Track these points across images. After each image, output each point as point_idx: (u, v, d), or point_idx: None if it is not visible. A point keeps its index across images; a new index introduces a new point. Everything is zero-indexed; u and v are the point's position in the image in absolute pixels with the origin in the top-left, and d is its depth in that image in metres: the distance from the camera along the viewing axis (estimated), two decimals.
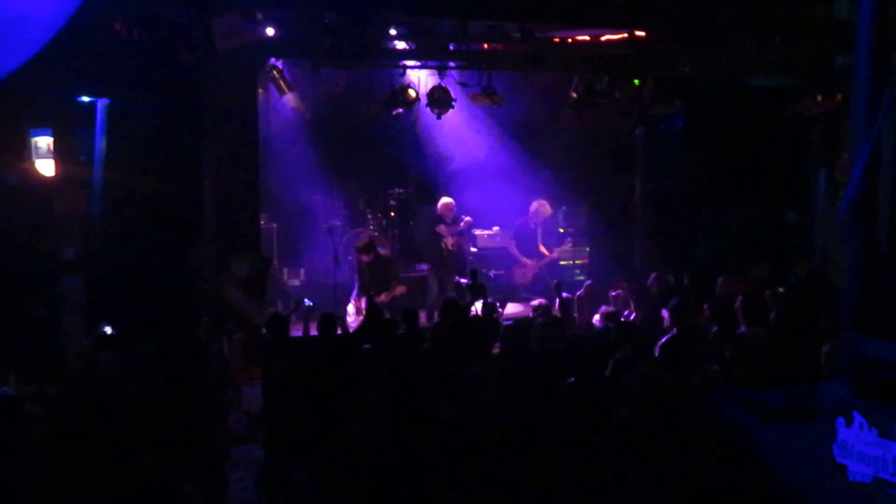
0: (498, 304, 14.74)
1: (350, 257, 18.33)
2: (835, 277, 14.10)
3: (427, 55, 16.37)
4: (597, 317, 13.31)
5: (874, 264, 6.03)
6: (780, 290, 13.56)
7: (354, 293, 16.51)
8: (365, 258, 16.52)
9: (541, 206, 18.47)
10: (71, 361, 11.60)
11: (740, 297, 13.33)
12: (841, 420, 5.96)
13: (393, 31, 14.78)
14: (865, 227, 5.98)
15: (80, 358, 11.32)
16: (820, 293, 13.44)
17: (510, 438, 8.52)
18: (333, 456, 8.28)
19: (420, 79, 17.16)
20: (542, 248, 18.54)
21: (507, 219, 20.08)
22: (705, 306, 13.10)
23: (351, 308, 16.01)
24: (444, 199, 18.29)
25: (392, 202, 20.20)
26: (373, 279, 16.41)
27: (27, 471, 7.56)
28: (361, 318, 15.28)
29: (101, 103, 13.15)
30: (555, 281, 15.38)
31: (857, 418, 5.85)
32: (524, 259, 18.15)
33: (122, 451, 8.07)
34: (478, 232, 19.68)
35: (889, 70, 6.07)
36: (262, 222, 15.75)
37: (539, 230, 18.52)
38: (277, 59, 16.08)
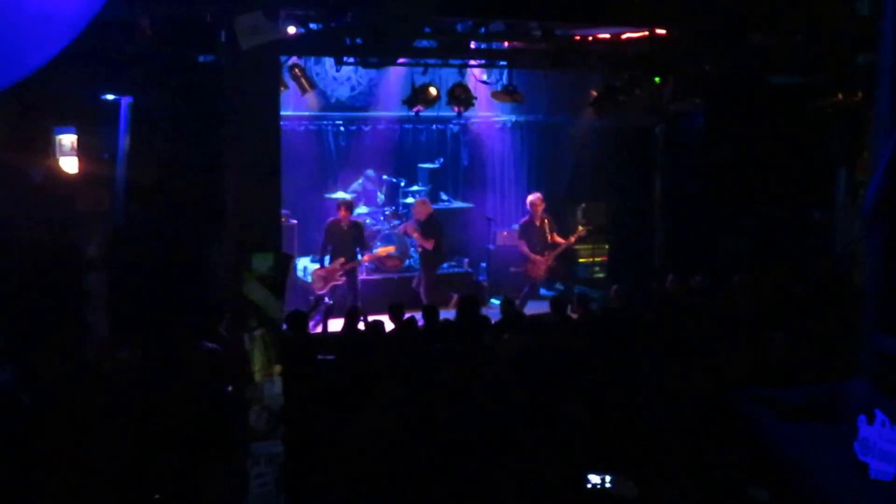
0: (518, 302, 14.76)
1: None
2: (856, 276, 14.01)
3: (448, 53, 16.35)
4: None
5: None
6: (801, 288, 13.52)
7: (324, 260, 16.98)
8: (343, 214, 17.08)
9: (535, 199, 18.48)
10: (92, 356, 11.62)
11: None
12: (862, 418, 5.90)
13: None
14: (887, 226, 5.91)
15: (101, 353, 11.34)
16: (841, 292, 13.38)
17: (530, 431, 8.50)
18: (354, 451, 8.26)
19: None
20: (556, 238, 18.44)
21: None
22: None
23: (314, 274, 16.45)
24: (418, 199, 18.48)
25: (410, 199, 20.25)
26: (355, 242, 17.20)
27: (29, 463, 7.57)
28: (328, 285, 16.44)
29: (125, 101, 13.16)
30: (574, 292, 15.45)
31: (879, 416, 5.79)
32: (533, 256, 18.12)
33: (143, 446, 8.07)
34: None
35: None
36: (283, 219, 15.76)
37: (545, 223, 18.46)
38: (300, 57, 16.08)
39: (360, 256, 17.16)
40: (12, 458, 7.63)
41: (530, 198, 18.56)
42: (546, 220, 18.48)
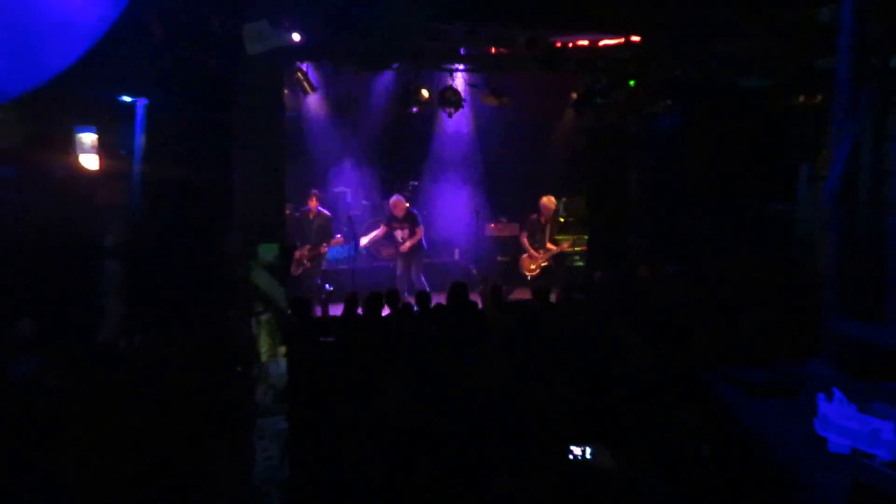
0: (504, 288, 14.73)
1: (345, 229, 18.50)
2: (817, 263, 14.01)
3: (439, 58, 16.37)
4: None
5: (854, 251, 5.96)
6: (765, 275, 13.50)
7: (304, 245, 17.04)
8: (313, 204, 17.24)
9: (548, 201, 18.41)
10: (110, 338, 11.63)
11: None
12: (822, 396, 5.89)
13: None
14: (846, 217, 5.91)
15: (118, 335, 11.34)
16: (802, 278, 13.38)
17: (518, 407, 8.49)
18: (355, 426, 8.25)
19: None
20: (550, 245, 18.40)
21: (513, 209, 20.17)
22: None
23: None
24: (395, 198, 18.49)
25: (406, 193, 20.26)
26: (319, 232, 17.20)
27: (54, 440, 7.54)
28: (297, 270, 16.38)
29: (141, 103, 13.15)
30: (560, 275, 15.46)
31: (837, 394, 5.77)
32: (532, 251, 18.08)
33: (157, 422, 8.04)
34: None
35: (868, 71, 5.99)
36: (287, 212, 15.78)
37: (548, 225, 18.42)
38: (302, 62, 16.06)
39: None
40: (38, 437, 7.61)
41: (544, 199, 18.50)
42: (551, 223, 18.45)
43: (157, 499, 7.43)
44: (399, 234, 17.97)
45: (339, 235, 17.41)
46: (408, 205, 18.37)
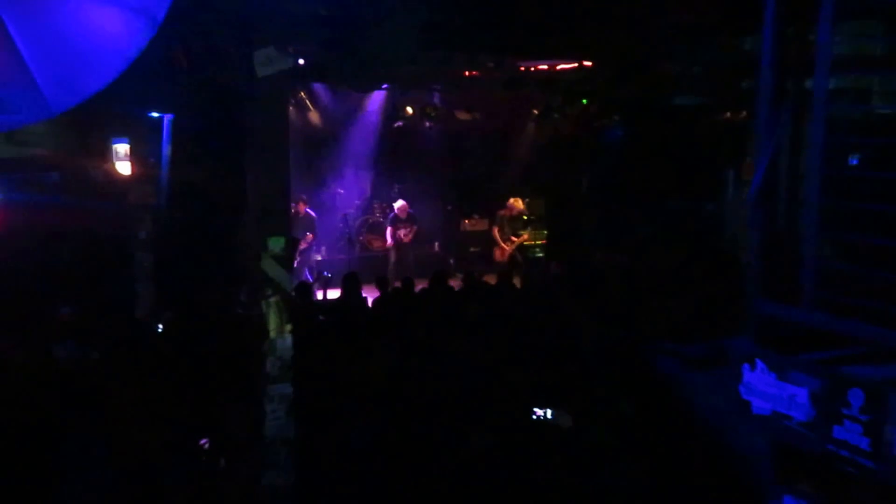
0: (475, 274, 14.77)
1: (341, 225, 18.65)
2: (741, 254, 14.06)
3: (422, 79, 16.40)
4: None
5: (774, 243, 5.98)
6: (698, 264, 13.54)
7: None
8: (301, 206, 17.34)
9: (514, 201, 18.52)
10: (142, 318, 11.66)
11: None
12: (746, 366, 5.90)
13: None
14: (767, 214, 5.93)
15: (149, 315, 11.37)
16: (729, 267, 13.42)
17: (488, 375, 8.51)
18: (348, 391, 8.26)
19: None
20: (513, 237, 18.50)
21: (484, 208, 20.25)
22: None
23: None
24: (400, 203, 18.72)
25: (393, 194, 20.32)
26: (304, 229, 17.48)
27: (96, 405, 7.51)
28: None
29: (167, 118, 13.16)
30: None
31: (760, 365, 5.79)
32: (501, 243, 18.17)
33: (184, 387, 8.05)
34: None
35: (785, 91, 6.02)
36: (292, 210, 15.79)
37: (511, 221, 18.52)
38: (305, 82, 16.05)
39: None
40: (84, 402, 7.59)
41: (511, 200, 18.65)
42: (514, 220, 18.57)
43: (185, 453, 7.43)
44: (402, 232, 18.22)
45: (308, 234, 17.63)
46: (408, 207, 18.67)
